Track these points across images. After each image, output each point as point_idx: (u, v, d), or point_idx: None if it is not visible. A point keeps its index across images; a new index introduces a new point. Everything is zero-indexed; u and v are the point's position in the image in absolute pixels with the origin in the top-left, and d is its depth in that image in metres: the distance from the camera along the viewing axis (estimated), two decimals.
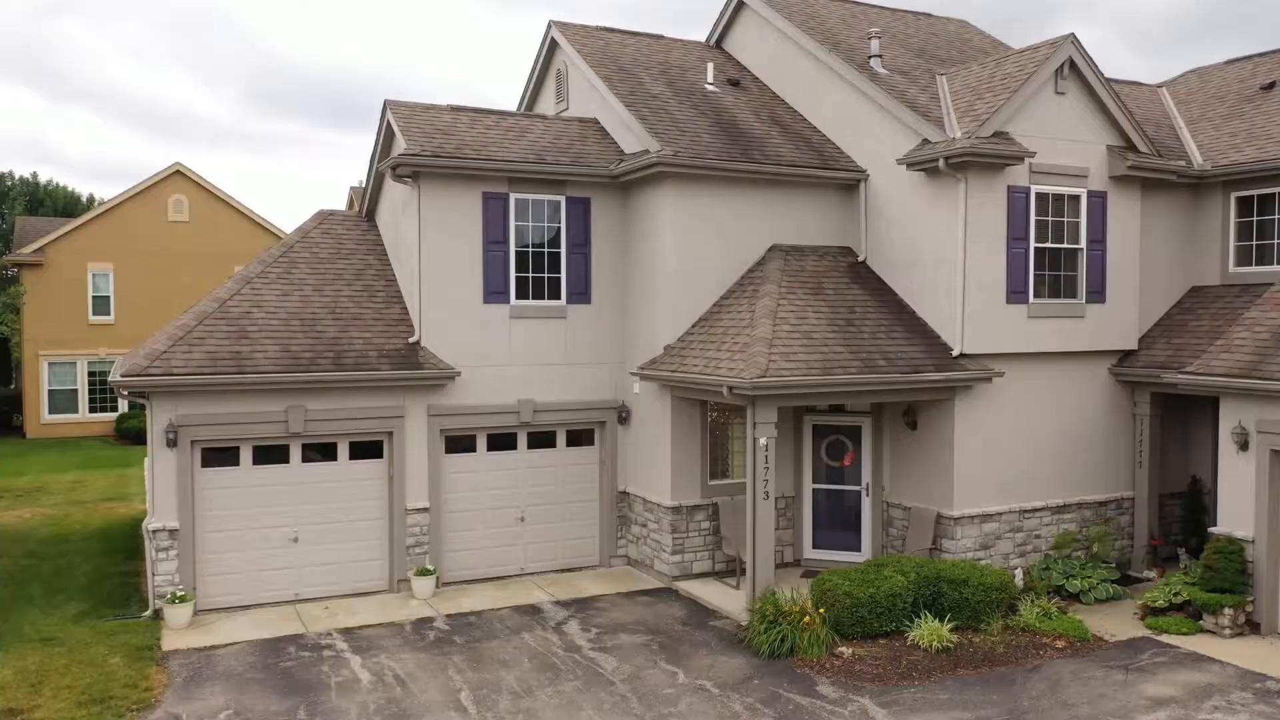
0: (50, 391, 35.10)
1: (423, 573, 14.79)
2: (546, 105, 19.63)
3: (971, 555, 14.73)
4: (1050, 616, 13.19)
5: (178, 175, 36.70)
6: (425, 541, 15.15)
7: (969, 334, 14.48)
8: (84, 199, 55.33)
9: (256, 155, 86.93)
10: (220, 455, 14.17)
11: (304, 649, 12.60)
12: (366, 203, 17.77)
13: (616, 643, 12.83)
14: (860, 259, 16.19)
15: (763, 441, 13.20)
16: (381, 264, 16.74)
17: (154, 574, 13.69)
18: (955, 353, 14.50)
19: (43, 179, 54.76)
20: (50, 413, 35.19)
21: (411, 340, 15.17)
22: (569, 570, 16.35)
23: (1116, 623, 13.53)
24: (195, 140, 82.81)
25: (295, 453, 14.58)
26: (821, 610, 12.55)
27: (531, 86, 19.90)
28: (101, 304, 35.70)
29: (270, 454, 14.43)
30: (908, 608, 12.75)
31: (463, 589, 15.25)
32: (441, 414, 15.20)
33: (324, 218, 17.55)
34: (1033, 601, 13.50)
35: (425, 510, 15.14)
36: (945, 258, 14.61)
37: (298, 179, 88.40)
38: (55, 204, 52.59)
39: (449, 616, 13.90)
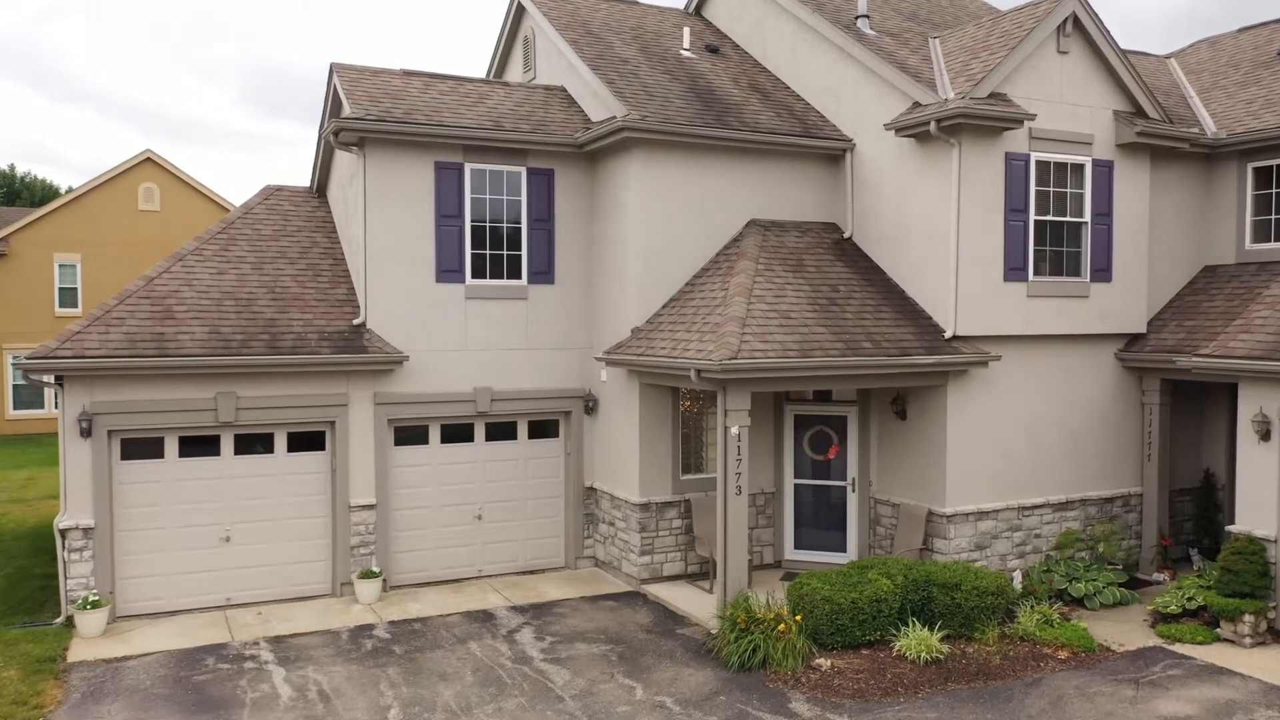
0: (15, 386, 33.85)
1: (367, 575, 13.56)
2: (514, 75, 18.41)
3: (966, 556, 13.50)
4: (1052, 624, 11.95)
5: (148, 163, 35.45)
6: (371, 541, 13.92)
7: (963, 314, 13.24)
8: (62, 191, 54.13)
9: (253, 155, 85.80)
10: (142, 447, 12.92)
11: (225, 660, 11.36)
12: (317, 177, 16.54)
13: (572, 653, 11.59)
14: (846, 235, 14.96)
15: (734, 431, 11.97)
16: (330, 242, 15.51)
17: (66, 577, 12.45)
18: (948, 335, 13.26)
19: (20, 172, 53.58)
20: (15, 408, 33.95)
21: (356, 322, 13.93)
22: (530, 572, 15.12)
23: (1125, 630, 12.29)
24: (193, 139, 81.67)
25: (227, 444, 13.33)
26: (798, 618, 11.32)
27: (498, 56, 18.68)
28: (68, 296, 34.43)
29: (199, 445, 13.20)
30: (894, 614, 11.51)
31: (412, 593, 14.02)
32: (390, 402, 13.96)
33: (271, 193, 16.32)
34: (1033, 607, 12.27)
35: (371, 507, 13.91)
36: (937, 231, 13.38)
37: (287, 177, 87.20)
38: (33, 195, 51.40)
39: (392, 623, 12.67)
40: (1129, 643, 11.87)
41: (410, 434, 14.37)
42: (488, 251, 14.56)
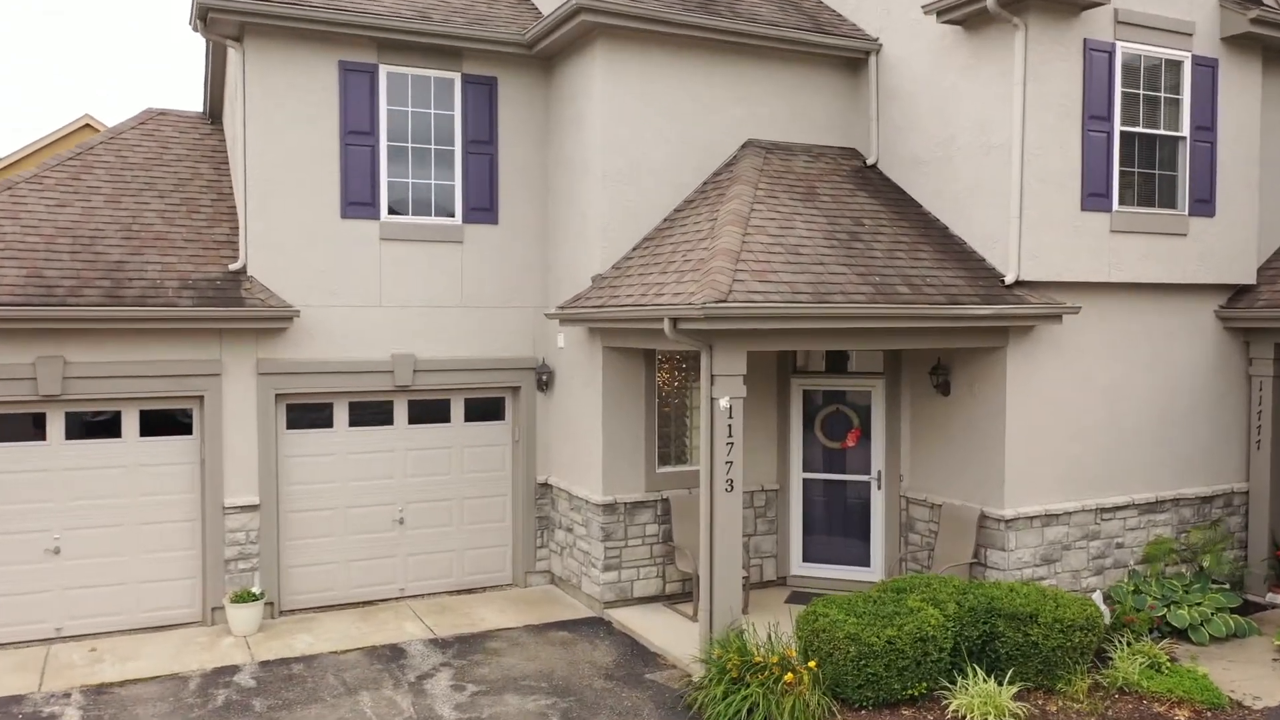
0: None
1: (243, 598, 10.31)
2: None
3: (1029, 573, 10.26)
4: (1160, 669, 8.72)
5: (87, 129, 32.18)
6: (253, 554, 10.68)
7: (1029, 252, 9.99)
8: None
9: None
10: None
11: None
12: (209, 98, 13.30)
13: (499, 711, 8.36)
14: (870, 162, 11.72)
15: (724, 405, 8.74)
16: (218, 175, 12.27)
17: None
18: (1009, 279, 10.01)
19: None
20: None
21: (233, 268, 10.69)
22: (467, 591, 11.88)
23: (1252, 675, 9.05)
24: None
25: (54, 426, 10.10)
26: (812, 664, 8.08)
27: None
28: None
29: (12, 427, 9.98)
30: (945, 659, 8.28)
31: (307, 620, 10.79)
32: (278, 372, 10.73)
33: (151, 116, 13.08)
34: (1129, 644, 9.04)
35: (253, 508, 10.68)
36: (994, 144, 10.13)
37: None
38: None
39: (266, 665, 9.43)
40: (1265, 695, 8.63)
41: (308, 414, 11.13)
42: (410, 180, 11.33)
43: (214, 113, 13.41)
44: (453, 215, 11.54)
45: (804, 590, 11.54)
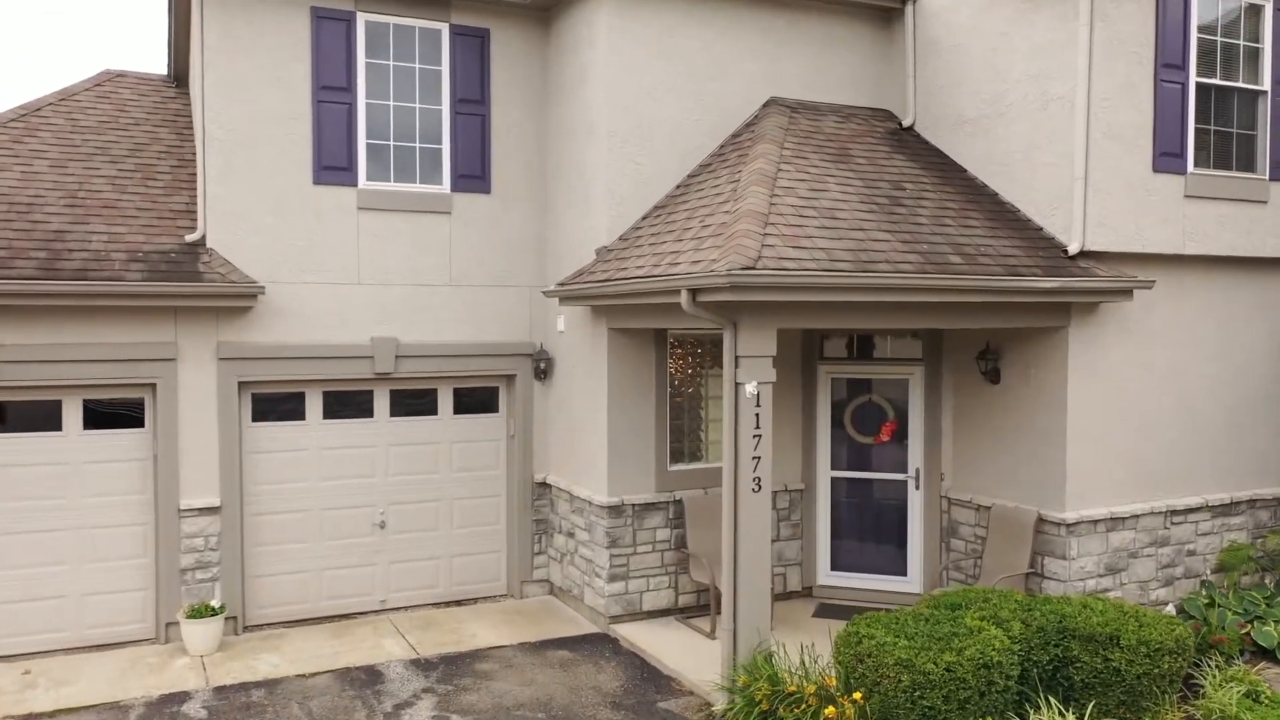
0: None
1: (200, 613, 9.09)
2: None
3: (1092, 585, 9.03)
4: (1258, 698, 7.49)
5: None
6: (213, 562, 9.45)
7: (1096, 217, 8.76)
8: None
9: None
10: None
11: None
12: (173, 59, 12.06)
13: None
14: (906, 124, 10.49)
15: (751, 391, 7.51)
16: (180, 140, 11.03)
17: None
18: (1072, 249, 8.77)
19: None
20: None
21: (190, 239, 9.46)
22: (456, 603, 10.65)
23: None
24: None
25: None
26: (858, 695, 6.84)
27: None
28: None
29: None
30: (1012, 687, 7.04)
31: (276, 637, 9.56)
32: (242, 356, 9.51)
33: (108, 78, 11.84)
34: (1219, 669, 7.81)
35: (214, 511, 9.44)
36: (1054, 95, 8.90)
37: None
38: None
39: (221, 690, 8.20)
40: None
41: (277, 405, 9.91)
42: (391, 143, 10.10)
43: (178, 75, 12.16)
44: (440, 183, 10.31)
45: (833, 602, 10.31)
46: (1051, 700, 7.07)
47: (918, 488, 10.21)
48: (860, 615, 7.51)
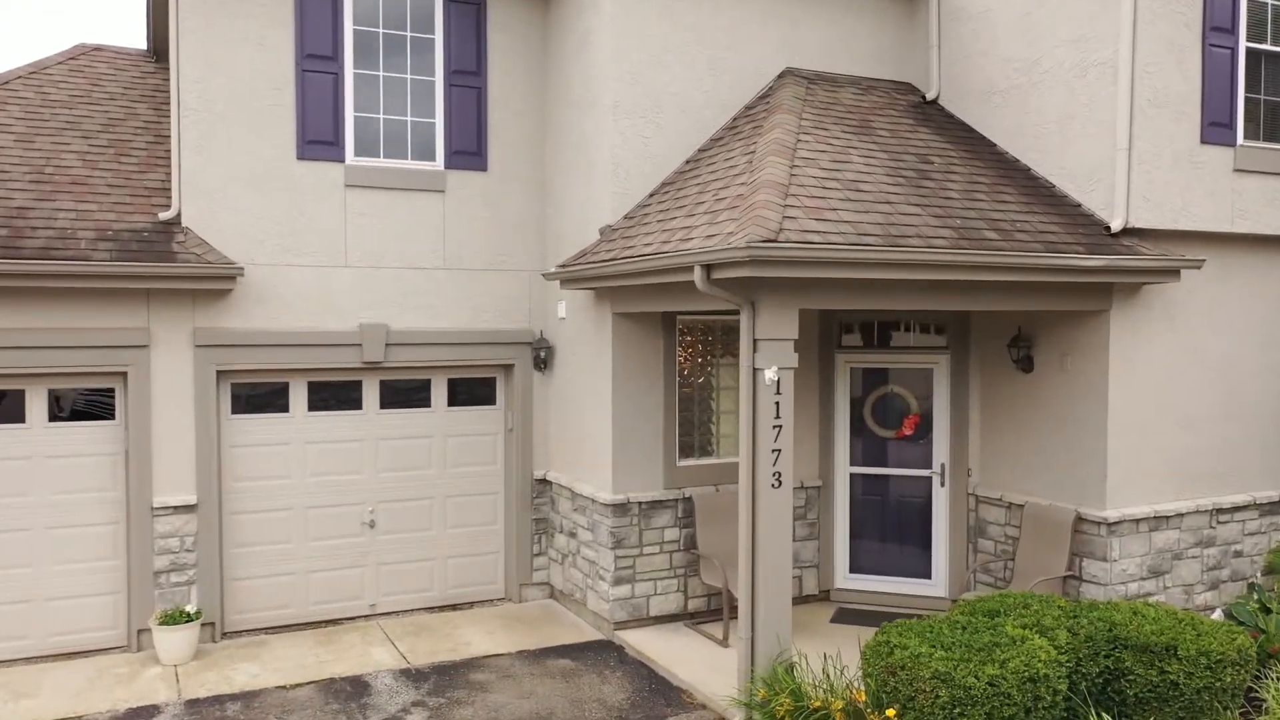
0: None
1: (174, 619, 8.44)
2: None
3: (1134, 588, 8.39)
4: None
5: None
6: (189, 564, 8.80)
7: (1140, 192, 8.12)
8: None
9: None
10: None
11: None
12: (152, 29, 11.39)
13: None
14: (930, 97, 9.84)
15: (771, 377, 6.86)
16: (158, 116, 10.38)
17: None
18: (1115, 226, 8.12)
19: None
20: None
21: (164, 217, 8.81)
22: (451, 608, 10.01)
23: None
24: None
25: None
26: (891, 712, 6.19)
27: None
28: None
29: None
30: (1060, 703, 6.38)
31: (257, 644, 8.91)
32: (220, 343, 8.86)
33: (83, 51, 11.18)
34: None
35: (190, 509, 8.80)
36: (1094, 60, 8.26)
37: None
38: None
39: (194, 704, 7.55)
40: None
41: (258, 396, 9.26)
42: (381, 116, 9.45)
43: (158, 49, 11.50)
44: (433, 159, 9.67)
45: (852, 607, 9.67)
46: (1104, 716, 6.41)
47: (943, 484, 9.57)
48: (890, 623, 6.86)
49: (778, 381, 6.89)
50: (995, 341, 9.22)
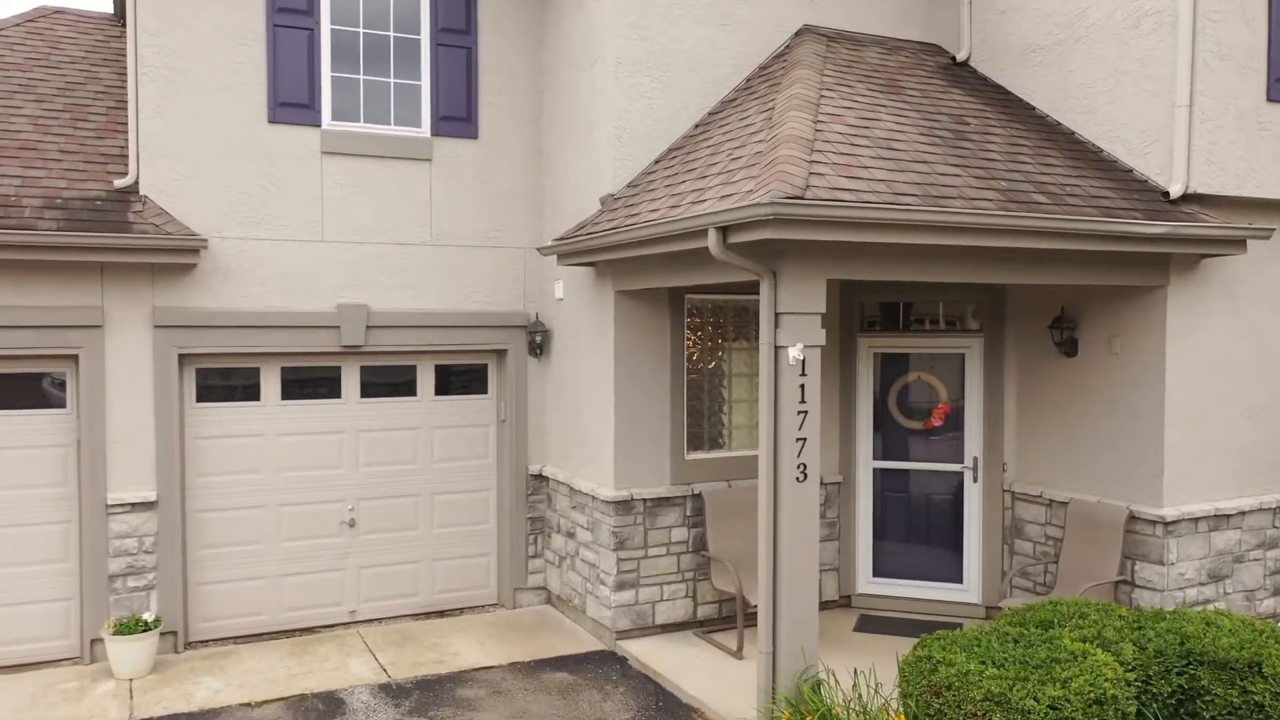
0: None
1: (129, 629, 7.62)
2: None
3: (1193, 594, 7.58)
4: None
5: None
6: (148, 567, 7.99)
7: (1202, 154, 7.31)
8: None
9: None
10: None
11: None
12: None
13: None
14: (960, 58, 9.04)
15: (795, 355, 6.04)
16: (120, 80, 9.55)
17: None
18: (1174, 191, 7.30)
19: None
20: None
21: (120, 184, 8.00)
22: (439, 614, 9.19)
23: None
24: None
25: None
26: None
27: None
28: None
29: None
30: None
31: (223, 655, 8.09)
32: (182, 324, 8.04)
33: (44, 14, 10.37)
34: None
35: (149, 506, 7.98)
36: (1148, 9, 7.45)
37: None
38: None
39: None
40: None
41: (226, 383, 8.45)
42: (361, 77, 8.64)
43: (122, 11, 10.69)
44: (419, 125, 8.86)
45: (876, 614, 8.86)
46: None
47: (976, 480, 8.75)
48: (930, 635, 6.05)
49: (803, 361, 6.08)
50: (1034, 323, 8.41)
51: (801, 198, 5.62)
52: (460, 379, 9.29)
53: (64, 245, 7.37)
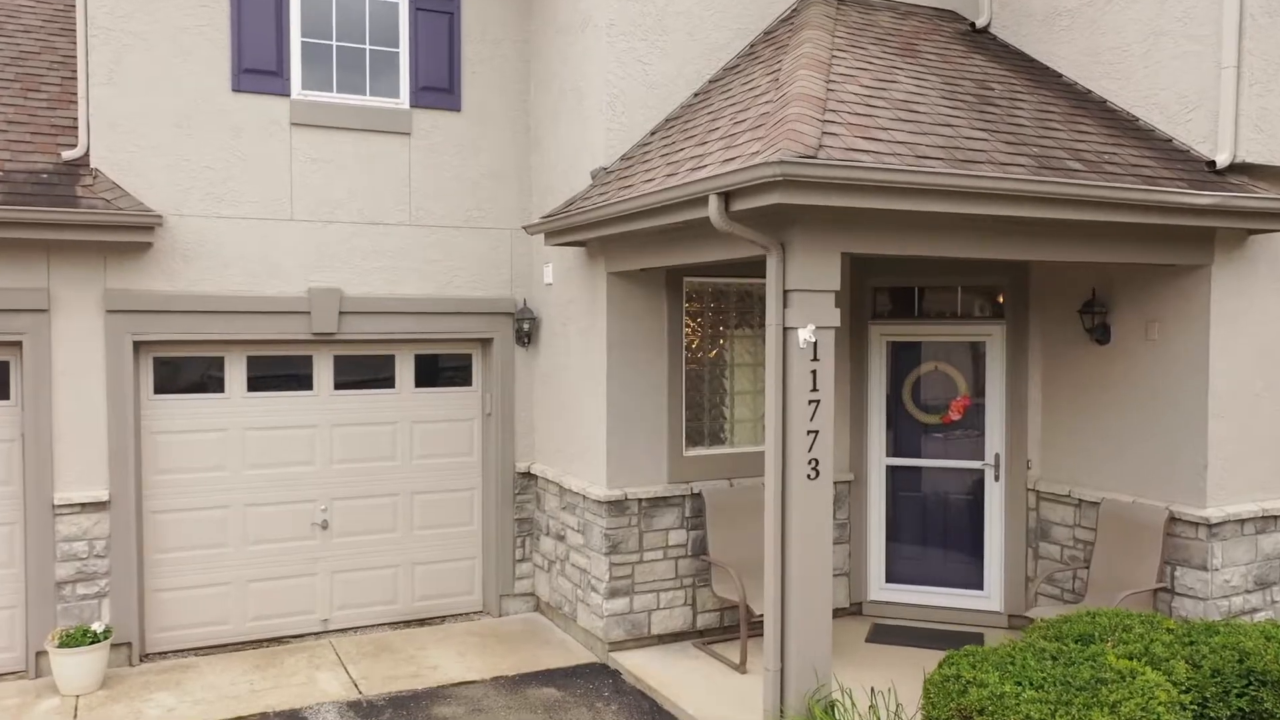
0: None
1: (75, 640, 6.96)
2: None
3: (1239, 602, 6.93)
4: None
5: None
6: (99, 572, 7.34)
7: (1252, 119, 6.67)
8: None
9: None
10: None
11: None
12: None
13: None
14: (980, 24, 8.39)
15: (806, 337, 5.40)
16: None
17: None
18: (1220, 160, 6.66)
19: None
20: None
21: (69, 156, 7.35)
22: (419, 623, 8.55)
23: None
24: None
25: None
26: None
27: None
28: None
29: None
30: None
31: (182, 668, 7.45)
32: (137, 309, 7.39)
33: None
34: None
35: (101, 506, 7.33)
36: None
37: None
38: None
39: None
40: None
41: (186, 373, 7.80)
42: (334, 43, 8.00)
43: None
44: (396, 96, 8.21)
45: (890, 622, 8.21)
46: None
47: (997, 479, 8.11)
48: (957, 651, 5.41)
49: (815, 344, 5.43)
50: (1062, 309, 7.76)
51: (814, 158, 4.97)
52: (442, 370, 8.64)
53: (4, 221, 6.72)
